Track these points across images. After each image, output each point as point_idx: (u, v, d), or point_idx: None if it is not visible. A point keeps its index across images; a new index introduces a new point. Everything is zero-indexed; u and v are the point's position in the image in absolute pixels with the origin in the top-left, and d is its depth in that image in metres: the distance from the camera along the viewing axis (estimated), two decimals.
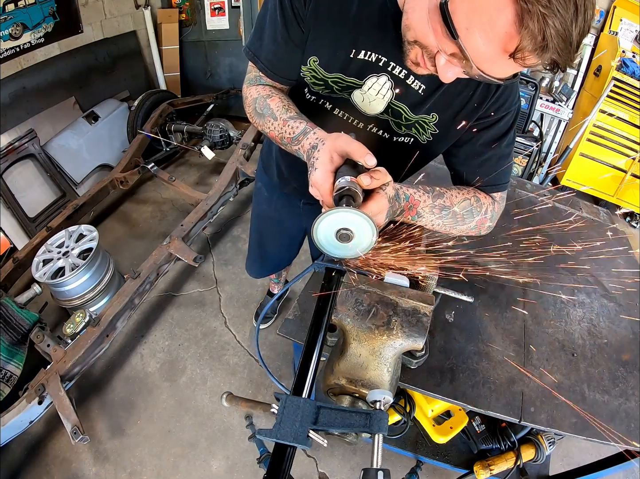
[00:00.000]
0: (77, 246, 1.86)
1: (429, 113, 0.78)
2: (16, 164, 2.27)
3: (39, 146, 2.37)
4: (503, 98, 0.75)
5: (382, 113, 0.80)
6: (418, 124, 0.80)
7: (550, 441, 1.20)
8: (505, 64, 0.51)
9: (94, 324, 1.56)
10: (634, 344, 1.02)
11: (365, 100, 0.79)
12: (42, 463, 1.52)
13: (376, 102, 0.79)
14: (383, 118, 0.81)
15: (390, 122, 0.82)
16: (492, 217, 0.87)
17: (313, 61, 0.75)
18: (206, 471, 1.53)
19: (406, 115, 0.79)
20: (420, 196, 0.77)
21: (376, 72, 0.74)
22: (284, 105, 0.77)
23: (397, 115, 0.80)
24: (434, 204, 0.78)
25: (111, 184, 2.47)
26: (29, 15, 2.33)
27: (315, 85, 0.79)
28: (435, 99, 0.76)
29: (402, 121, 0.80)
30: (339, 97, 0.80)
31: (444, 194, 0.80)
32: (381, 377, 0.63)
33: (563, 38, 0.47)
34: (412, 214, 0.77)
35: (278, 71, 0.80)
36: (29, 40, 2.38)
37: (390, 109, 0.79)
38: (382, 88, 0.76)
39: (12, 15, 2.23)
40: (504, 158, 0.83)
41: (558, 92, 2.69)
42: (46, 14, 2.43)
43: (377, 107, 0.80)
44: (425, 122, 0.80)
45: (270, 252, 1.45)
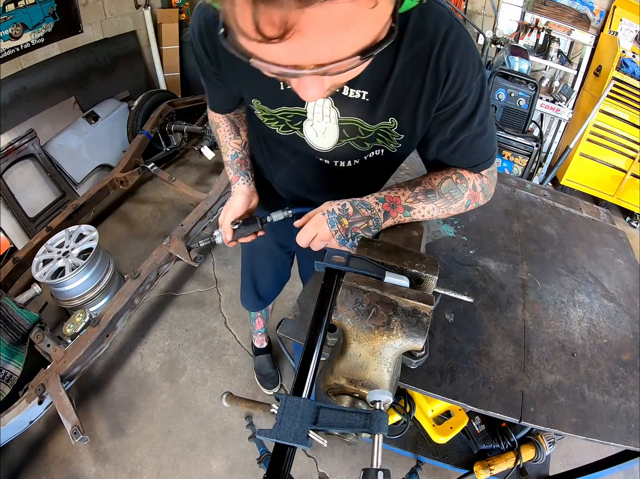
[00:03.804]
0: (77, 246, 1.86)
1: (387, 119, 0.73)
2: (16, 164, 2.27)
3: (39, 146, 2.37)
4: (459, 80, 0.67)
5: (339, 140, 0.76)
6: (381, 133, 0.75)
7: (550, 441, 1.20)
8: (287, 48, 0.37)
9: (94, 324, 1.56)
10: (634, 344, 1.02)
11: (319, 135, 0.76)
12: (42, 463, 1.52)
13: (328, 131, 0.75)
14: (343, 145, 0.77)
15: (351, 145, 0.77)
16: (483, 189, 0.84)
17: (256, 102, 0.76)
18: (206, 471, 1.53)
19: (363, 128, 0.74)
20: (397, 192, 0.77)
21: None
22: (226, 145, 0.92)
23: (354, 131, 0.75)
24: (415, 193, 0.77)
25: (111, 184, 2.47)
26: (29, 15, 2.32)
27: (270, 123, 0.79)
28: (386, 102, 0.70)
29: (362, 135, 0.75)
30: (295, 137, 0.79)
31: (422, 181, 0.79)
32: (381, 377, 0.63)
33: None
34: (399, 211, 0.77)
35: (217, 106, 0.93)
36: (29, 40, 2.38)
37: (343, 129, 0.75)
38: (324, 109, 0.72)
39: (12, 15, 2.22)
40: (478, 137, 0.76)
41: (558, 92, 2.70)
42: (46, 14, 2.43)
43: (331, 136, 0.76)
44: (388, 130, 0.74)
45: (264, 285, 1.43)
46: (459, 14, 2.75)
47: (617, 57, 2.45)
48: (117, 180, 2.49)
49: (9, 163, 2.22)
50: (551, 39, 2.68)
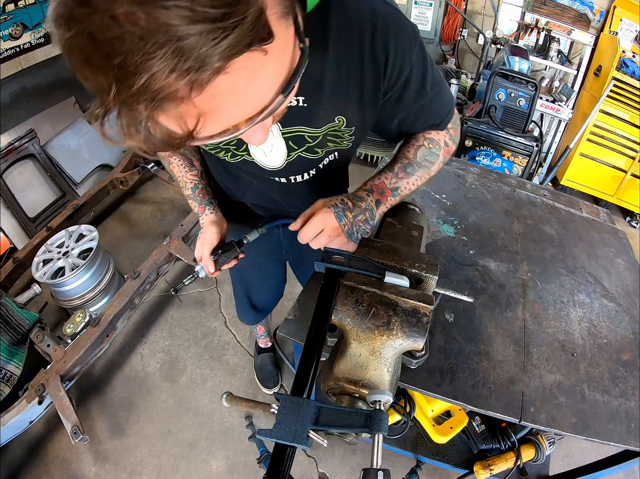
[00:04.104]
0: (77, 246, 1.86)
1: (332, 119, 0.71)
2: (16, 164, 2.27)
3: (39, 146, 2.37)
4: (399, 59, 0.65)
5: (289, 153, 0.75)
6: (330, 136, 0.73)
7: (550, 441, 1.20)
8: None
9: (94, 324, 1.56)
10: (634, 344, 1.02)
11: (268, 154, 0.75)
12: (42, 463, 1.52)
13: (275, 147, 0.74)
14: (294, 158, 0.76)
15: (302, 156, 0.76)
16: (453, 140, 0.86)
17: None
18: (206, 471, 1.53)
19: (309, 135, 0.72)
20: (380, 178, 0.79)
21: None
22: (183, 179, 0.91)
23: (301, 141, 0.73)
24: (396, 174, 0.79)
25: (111, 184, 2.47)
26: (29, 15, 2.32)
27: (217, 153, 0.78)
28: (327, 102, 0.68)
29: (310, 142, 0.73)
30: (243, 162, 0.78)
31: (398, 158, 0.80)
32: (381, 377, 0.63)
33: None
34: (388, 195, 0.79)
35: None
36: (29, 40, 2.38)
37: (289, 141, 0.73)
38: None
39: (12, 15, 2.22)
40: (435, 98, 0.75)
41: (558, 92, 2.69)
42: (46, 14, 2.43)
43: (279, 151, 0.75)
44: (337, 130, 0.72)
45: (260, 298, 1.41)
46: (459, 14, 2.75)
47: (617, 57, 2.45)
48: (117, 180, 2.49)
49: (9, 163, 2.22)
50: (551, 39, 2.68)
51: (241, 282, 1.35)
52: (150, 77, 0.29)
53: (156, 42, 0.28)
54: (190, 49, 0.29)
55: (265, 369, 1.81)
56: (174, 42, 0.28)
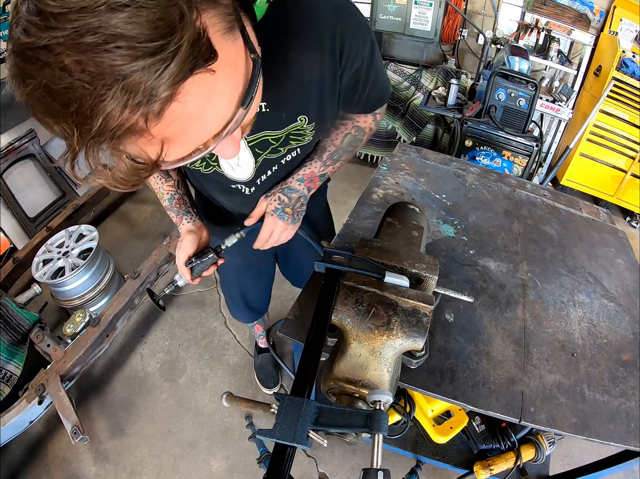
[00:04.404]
0: (77, 246, 1.86)
1: (295, 119, 0.73)
2: (16, 164, 2.27)
3: (39, 146, 2.37)
4: (353, 54, 0.68)
5: (256, 160, 0.79)
6: (293, 135, 0.76)
7: (550, 441, 1.20)
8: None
9: (94, 324, 1.56)
10: (634, 344, 1.02)
11: (235, 169, 0.79)
12: (42, 463, 1.52)
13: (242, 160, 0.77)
14: (259, 165, 0.80)
15: (267, 158, 0.79)
16: (376, 122, 0.92)
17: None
18: (206, 471, 1.53)
19: (272, 137, 0.75)
20: (310, 167, 0.86)
21: None
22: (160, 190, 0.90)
23: (265, 145, 0.76)
24: (324, 162, 0.86)
25: None
26: None
27: (192, 164, 0.79)
28: (288, 105, 0.71)
29: (274, 143, 0.76)
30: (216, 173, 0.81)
31: (326, 146, 0.87)
32: (381, 377, 0.63)
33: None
34: (317, 181, 0.88)
35: None
36: None
37: (255, 148, 0.76)
38: None
39: None
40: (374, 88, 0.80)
41: (558, 92, 2.69)
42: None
43: (247, 163, 0.79)
44: (299, 129, 0.75)
45: (256, 298, 1.41)
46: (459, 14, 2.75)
47: (617, 57, 2.45)
48: None
49: (9, 163, 2.22)
50: (551, 39, 2.68)
51: (236, 284, 1.34)
52: (106, 117, 0.31)
53: (105, 84, 0.30)
54: (137, 85, 0.31)
55: (265, 369, 1.81)
56: (121, 81, 0.30)
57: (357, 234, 1.19)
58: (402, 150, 1.66)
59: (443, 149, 2.69)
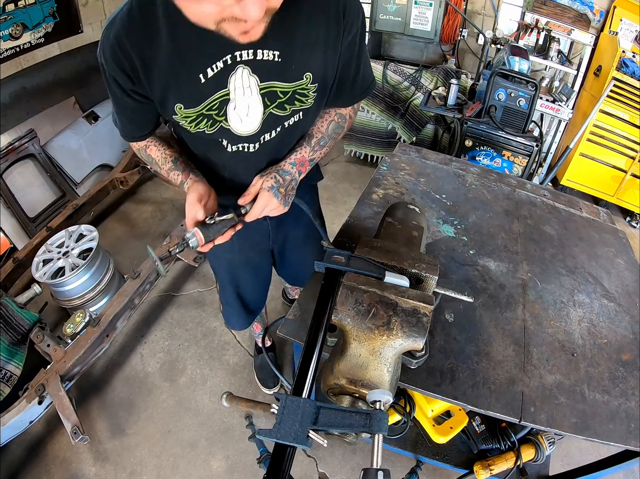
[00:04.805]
0: (77, 246, 1.86)
1: (301, 76, 0.78)
2: (16, 164, 2.27)
3: (39, 146, 2.37)
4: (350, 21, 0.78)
5: (264, 111, 0.80)
6: (298, 94, 0.80)
7: (550, 441, 1.20)
8: None
9: (94, 324, 1.56)
10: (634, 344, 1.02)
11: (243, 119, 0.80)
12: (42, 463, 1.52)
13: (251, 108, 0.79)
14: (266, 117, 0.81)
15: (273, 112, 0.81)
16: (355, 113, 1.01)
17: (179, 108, 0.76)
18: (206, 471, 1.53)
19: (282, 90, 0.78)
20: (300, 153, 0.91)
21: (231, 71, 0.74)
22: (162, 156, 0.90)
23: (274, 97, 0.79)
24: (312, 147, 0.92)
25: (111, 184, 2.47)
26: (29, 15, 2.32)
27: (197, 126, 0.79)
28: (296, 58, 0.75)
29: (281, 97, 0.79)
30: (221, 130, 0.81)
31: (313, 133, 0.93)
32: (381, 377, 0.63)
33: None
34: (307, 165, 0.93)
35: (134, 134, 0.91)
36: (29, 40, 2.38)
37: (265, 97, 0.78)
38: (244, 80, 0.75)
39: (12, 15, 2.22)
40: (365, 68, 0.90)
41: (558, 92, 2.69)
42: (46, 14, 2.43)
43: (255, 113, 0.80)
44: (304, 89, 0.80)
45: (253, 298, 1.40)
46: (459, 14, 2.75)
47: (617, 57, 2.45)
48: (117, 180, 2.49)
49: (9, 163, 2.22)
50: (551, 39, 2.68)
51: (232, 282, 1.32)
52: None
53: None
54: None
55: (265, 369, 1.81)
56: None
57: (357, 234, 1.19)
58: (402, 150, 1.66)
59: (443, 149, 2.69)
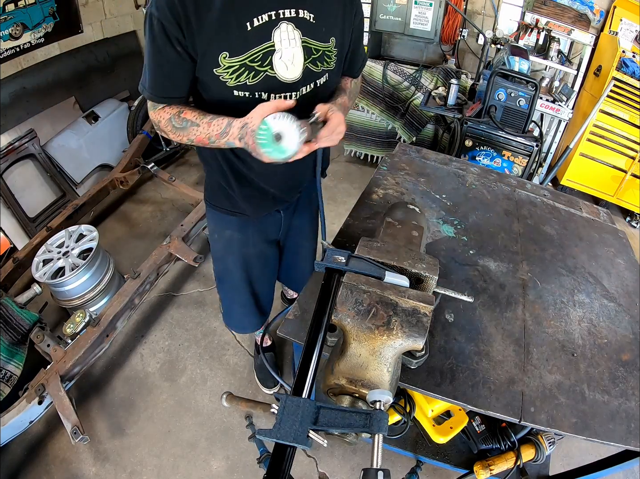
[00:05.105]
0: (77, 246, 1.86)
1: (328, 39, 0.91)
2: (16, 164, 2.27)
3: (39, 146, 2.37)
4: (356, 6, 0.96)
5: (304, 63, 0.88)
6: (326, 56, 0.92)
7: (550, 441, 1.20)
8: None
9: (94, 324, 1.56)
10: (634, 344, 1.02)
11: (289, 66, 0.87)
12: (42, 463, 1.52)
13: (295, 57, 0.87)
14: (305, 70, 0.90)
15: (309, 68, 0.90)
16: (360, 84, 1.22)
17: (224, 58, 0.81)
18: (206, 471, 1.53)
19: (315, 47, 0.89)
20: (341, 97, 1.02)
21: (274, 26, 0.82)
22: (199, 113, 0.88)
23: (310, 52, 0.89)
24: (349, 96, 1.07)
25: (111, 184, 2.47)
26: (29, 15, 2.32)
27: (239, 78, 0.83)
28: (325, 23, 0.89)
29: (315, 54, 0.90)
30: (265, 80, 0.85)
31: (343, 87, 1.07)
32: (381, 377, 0.63)
33: None
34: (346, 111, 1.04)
35: (174, 94, 0.89)
36: (29, 40, 2.38)
37: (305, 50, 0.87)
38: (289, 33, 0.84)
39: (12, 15, 2.22)
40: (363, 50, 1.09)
41: (558, 92, 2.69)
42: (46, 14, 2.43)
43: (298, 61, 0.88)
44: (329, 51, 0.93)
45: (265, 296, 1.41)
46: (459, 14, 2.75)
47: (617, 57, 2.45)
48: (117, 180, 2.49)
49: (9, 163, 2.22)
50: (551, 39, 2.67)
51: (246, 280, 1.34)
52: None
53: None
54: None
55: (265, 369, 1.81)
56: None
57: (357, 234, 1.19)
58: (402, 150, 1.66)
59: (443, 149, 2.69)
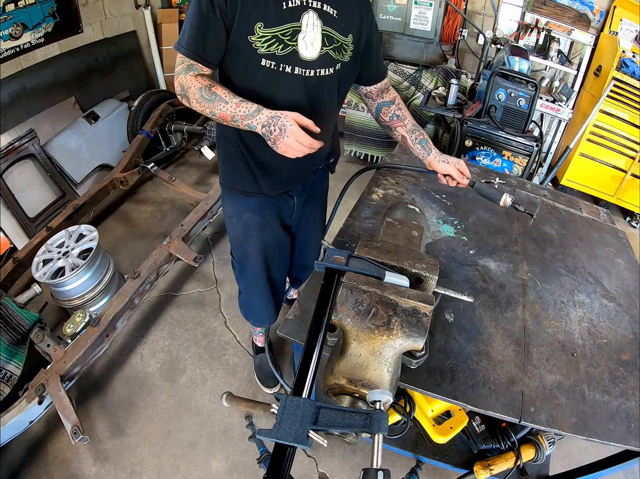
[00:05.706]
0: (77, 246, 1.86)
1: (347, 34, 1.01)
2: (16, 164, 2.27)
3: (39, 146, 2.37)
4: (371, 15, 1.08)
5: (322, 48, 0.97)
6: (343, 48, 1.01)
7: (550, 441, 1.20)
8: None
9: (94, 324, 1.56)
10: (634, 344, 1.02)
11: (308, 47, 0.96)
12: (42, 463, 1.52)
13: (315, 40, 0.96)
14: (323, 53, 0.98)
15: (329, 53, 0.99)
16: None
17: (259, 27, 0.91)
18: (206, 471, 1.53)
19: (335, 38, 0.99)
20: (429, 141, 1.21)
21: (303, 11, 0.93)
22: (230, 92, 0.94)
23: (330, 40, 0.98)
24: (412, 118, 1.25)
25: (111, 184, 2.47)
26: (29, 15, 2.32)
27: (269, 47, 0.92)
28: (345, 20, 0.99)
29: (336, 43, 0.99)
30: (291, 53, 0.95)
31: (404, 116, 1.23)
32: (381, 377, 0.63)
33: None
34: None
35: (207, 56, 0.95)
36: (29, 40, 2.38)
37: (325, 37, 0.97)
38: (314, 19, 0.95)
39: (12, 15, 2.22)
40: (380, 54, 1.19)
41: (558, 92, 2.69)
42: (46, 14, 2.43)
43: (317, 45, 0.97)
44: (347, 45, 1.02)
45: (278, 283, 1.43)
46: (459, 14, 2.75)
47: (617, 57, 2.45)
48: (117, 180, 2.49)
49: (9, 163, 2.22)
50: (551, 39, 2.68)
51: (264, 267, 1.34)
52: None
53: None
54: None
55: (265, 369, 1.81)
56: None
57: (357, 234, 1.19)
58: (402, 150, 1.66)
59: (443, 149, 2.68)
